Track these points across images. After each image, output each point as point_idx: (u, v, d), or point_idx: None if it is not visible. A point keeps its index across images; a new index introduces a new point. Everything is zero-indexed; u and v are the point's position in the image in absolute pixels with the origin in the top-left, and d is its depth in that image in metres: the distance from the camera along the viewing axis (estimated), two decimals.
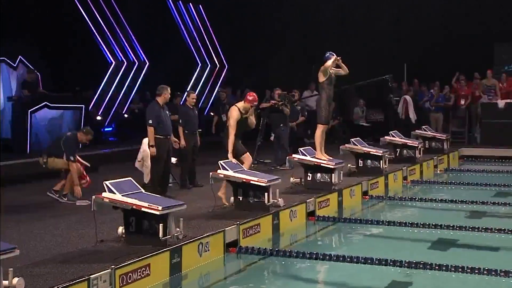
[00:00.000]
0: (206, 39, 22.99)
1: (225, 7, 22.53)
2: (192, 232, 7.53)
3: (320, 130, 10.85)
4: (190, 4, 22.58)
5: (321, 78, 10.70)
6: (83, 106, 16.44)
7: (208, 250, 7.35)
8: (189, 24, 22.52)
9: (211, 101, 21.93)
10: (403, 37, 22.12)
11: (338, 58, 10.63)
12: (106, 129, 19.06)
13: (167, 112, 10.16)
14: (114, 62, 19.81)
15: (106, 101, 19.53)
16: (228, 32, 22.97)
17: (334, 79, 10.85)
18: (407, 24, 22.15)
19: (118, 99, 19.91)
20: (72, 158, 9.83)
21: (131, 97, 20.25)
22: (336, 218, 9.80)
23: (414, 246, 8.68)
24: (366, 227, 9.55)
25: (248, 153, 9.72)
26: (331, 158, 10.85)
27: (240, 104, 9.57)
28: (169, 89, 10.24)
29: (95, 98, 19.08)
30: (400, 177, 13.10)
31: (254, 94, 9.63)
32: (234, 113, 9.40)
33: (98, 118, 18.44)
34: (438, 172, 15.16)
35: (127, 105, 20.19)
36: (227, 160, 9.03)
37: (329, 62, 10.51)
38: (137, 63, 20.40)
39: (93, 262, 6.33)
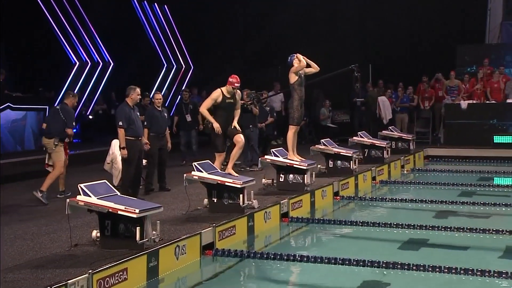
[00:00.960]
0: (171, 39, 22.80)
1: (190, 7, 22.36)
2: (167, 235, 7.40)
3: (292, 131, 10.84)
4: (155, 4, 22.36)
5: (292, 79, 10.70)
6: (47, 107, 16.12)
7: (185, 253, 7.24)
8: (154, 25, 22.32)
9: (176, 102, 21.74)
10: (367, 38, 22.30)
11: (302, 57, 10.73)
12: None
13: (137, 113, 9.96)
14: (78, 63, 19.52)
15: None
16: (194, 32, 22.80)
17: (304, 80, 10.87)
18: (371, 26, 22.35)
19: (82, 100, 19.59)
20: (74, 124, 10.06)
21: (95, 98, 19.95)
22: (309, 219, 9.76)
23: (387, 246, 8.69)
24: (339, 228, 9.54)
25: (240, 134, 9.67)
26: (303, 159, 10.82)
27: (224, 88, 9.62)
28: (138, 89, 9.99)
29: (59, 99, 18.71)
30: (369, 177, 13.14)
31: (236, 76, 9.59)
32: (214, 94, 9.60)
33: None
34: (405, 172, 15.26)
35: (91, 106, 19.88)
36: (202, 162, 8.92)
37: (303, 62, 10.57)
38: (101, 64, 20.12)
39: (68, 267, 6.17)
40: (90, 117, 19.49)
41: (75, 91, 19.32)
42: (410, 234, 9.01)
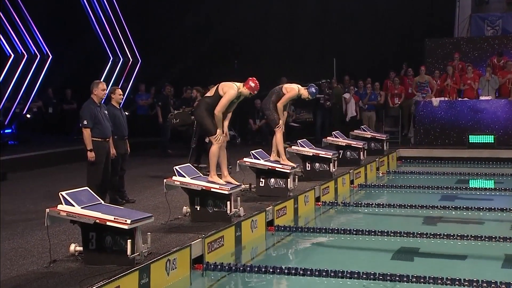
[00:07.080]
0: (118, 31, 22.29)
1: None
2: (153, 248, 7.16)
3: (279, 133, 10.77)
4: None
5: (284, 98, 10.92)
6: None
7: (175, 267, 7.03)
8: (100, 15, 21.76)
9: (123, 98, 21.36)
10: (331, 33, 22.39)
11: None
12: (5, 131, 18.04)
13: (105, 112, 9.62)
14: (13, 55, 18.92)
15: (4, 99, 18.58)
16: (142, 24, 22.41)
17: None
18: (333, 18, 22.48)
19: (18, 97, 19.01)
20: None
21: (32, 95, 19.40)
22: (296, 228, 9.68)
23: (378, 255, 8.71)
24: (327, 237, 9.51)
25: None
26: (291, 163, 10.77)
27: (241, 87, 8.90)
28: (101, 84, 9.60)
29: None
30: (347, 181, 13.11)
31: (257, 82, 8.96)
32: (232, 92, 8.77)
33: None
34: (380, 174, 15.29)
35: (28, 104, 19.31)
36: (183, 165, 8.71)
37: (305, 94, 10.99)
38: (39, 56, 19.55)
39: (56, 286, 5.90)
40: (28, 116, 18.91)
41: (10, 86, 18.87)
42: (405, 242, 9.01)
